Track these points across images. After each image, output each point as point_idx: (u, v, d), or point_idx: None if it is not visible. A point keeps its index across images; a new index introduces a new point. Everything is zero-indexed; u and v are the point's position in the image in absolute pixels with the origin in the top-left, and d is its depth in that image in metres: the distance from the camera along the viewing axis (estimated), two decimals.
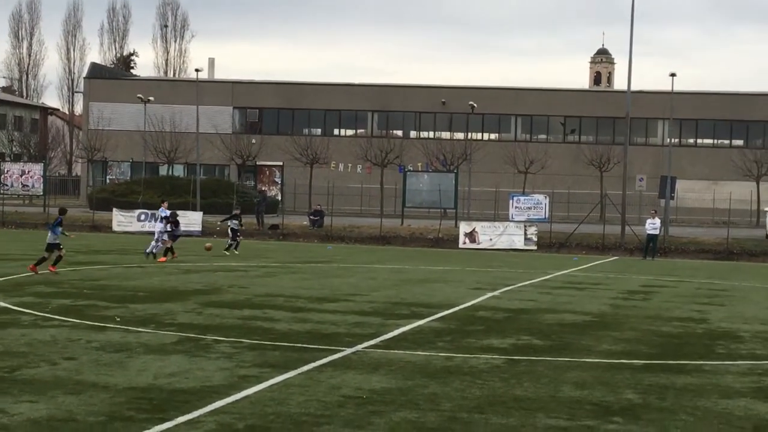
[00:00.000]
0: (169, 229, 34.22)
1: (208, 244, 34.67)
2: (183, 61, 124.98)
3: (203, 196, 63.57)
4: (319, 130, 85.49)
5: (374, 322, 18.97)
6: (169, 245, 33.68)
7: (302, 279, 28.21)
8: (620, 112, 64.63)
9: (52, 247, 27.02)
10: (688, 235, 55.68)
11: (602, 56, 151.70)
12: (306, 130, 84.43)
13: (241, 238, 39.54)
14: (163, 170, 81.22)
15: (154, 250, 33.95)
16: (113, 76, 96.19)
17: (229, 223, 39.35)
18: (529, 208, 54.64)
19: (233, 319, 18.72)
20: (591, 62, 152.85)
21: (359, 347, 15.72)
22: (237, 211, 39.93)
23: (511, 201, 55.61)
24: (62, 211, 28.35)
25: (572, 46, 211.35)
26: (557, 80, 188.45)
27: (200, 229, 52.58)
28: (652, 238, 46.89)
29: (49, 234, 27.13)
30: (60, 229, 27.12)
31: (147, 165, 78.08)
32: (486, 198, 72.36)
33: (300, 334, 17.00)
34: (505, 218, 56.25)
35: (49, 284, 24.09)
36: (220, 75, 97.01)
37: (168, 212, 35.06)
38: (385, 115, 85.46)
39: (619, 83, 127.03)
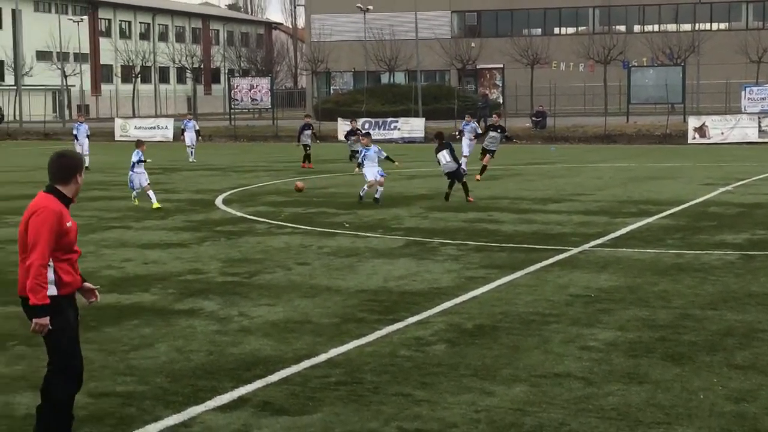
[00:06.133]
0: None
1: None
2: None
3: (425, 103, 63.93)
4: (539, 30, 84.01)
5: (601, 221, 18.71)
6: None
7: (526, 181, 28.06)
8: None
9: None
10: None
11: None
12: (526, 31, 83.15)
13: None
14: (384, 78, 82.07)
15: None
16: None
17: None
18: (763, 98, 52.23)
19: (458, 222, 18.87)
20: None
21: (586, 246, 15.56)
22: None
23: (743, 92, 53.28)
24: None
25: None
26: None
27: (423, 135, 52.95)
28: None
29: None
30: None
31: (369, 74, 79.05)
32: (716, 91, 69.40)
33: (526, 235, 16.97)
34: (738, 111, 53.98)
35: (281, 194, 24.92)
36: None
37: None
38: (607, 10, 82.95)
39: None
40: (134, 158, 22.20)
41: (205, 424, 7.40)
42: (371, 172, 22.42)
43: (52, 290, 6.82)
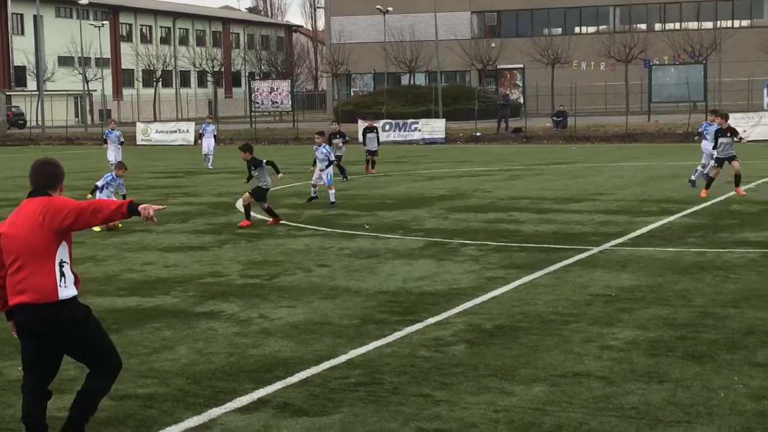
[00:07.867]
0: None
1: None
2: None
3: (445, 104, 63.92)
4: (560, 30, 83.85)
5: (622, 220, 18.66)
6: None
7: (547, 180, 28.00)
8: None
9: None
10: None
11: None
12: (546, 30, 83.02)
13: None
14: (404, 80, 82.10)
15: None
16: None
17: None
18: None
19: (478, 222, 18.86)
20: None
21: (606, 246, 15.52)
22: None
23: (766, 90, 52.93)
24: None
25: None
26: None
27: (443, 136, 52.93)
28: None
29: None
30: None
31: (389, 75, 79.09)
32: (738, 88, 69.14)
33: (546, 235, 16.94)
34: (760, 108, 53.71)
35: (301, 196, 24.94)
36: None
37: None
38: (628, 8, 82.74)
39: None
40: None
41: (225, 425, 7.43)
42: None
43: (72, 290, 6.64)
